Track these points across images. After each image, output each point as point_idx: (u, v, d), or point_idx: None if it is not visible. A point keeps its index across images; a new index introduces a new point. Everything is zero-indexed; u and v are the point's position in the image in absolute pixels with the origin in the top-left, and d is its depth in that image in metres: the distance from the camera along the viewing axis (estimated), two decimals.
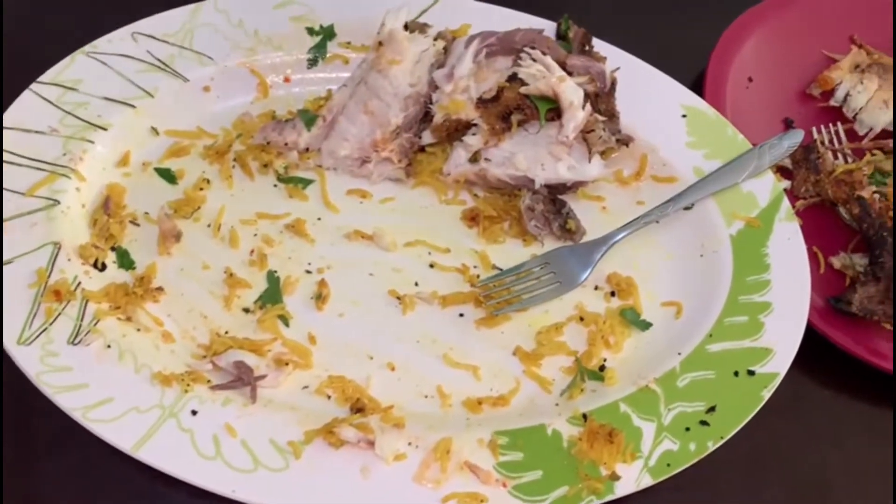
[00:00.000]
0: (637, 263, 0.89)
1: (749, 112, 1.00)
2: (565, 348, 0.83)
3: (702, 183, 0.90)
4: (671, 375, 0.80)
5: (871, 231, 0.90)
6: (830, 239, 0.93)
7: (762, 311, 0.83)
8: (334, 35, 0.97)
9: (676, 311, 0.85)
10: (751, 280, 0.85)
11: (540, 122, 0.88)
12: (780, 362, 0.79)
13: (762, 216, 0.88)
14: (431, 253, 0.87)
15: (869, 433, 0.84)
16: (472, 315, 0.84)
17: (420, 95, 0.92)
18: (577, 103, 0.88)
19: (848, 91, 1.02)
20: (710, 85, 1.00)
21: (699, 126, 0.93)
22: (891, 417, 0.85)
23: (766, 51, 1.05)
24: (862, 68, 1.04)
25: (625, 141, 0.92)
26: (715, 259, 0.87)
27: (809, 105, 1.04)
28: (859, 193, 0.92)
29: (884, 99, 1.01)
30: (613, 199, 0.93)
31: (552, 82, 0.88)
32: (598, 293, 0.87)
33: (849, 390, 0.86)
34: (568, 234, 0.90)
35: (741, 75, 1.02)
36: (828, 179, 0.94)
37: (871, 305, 0.84)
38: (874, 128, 1.00)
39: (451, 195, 0.91)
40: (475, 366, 0.81)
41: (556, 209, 0.90)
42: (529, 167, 0.89)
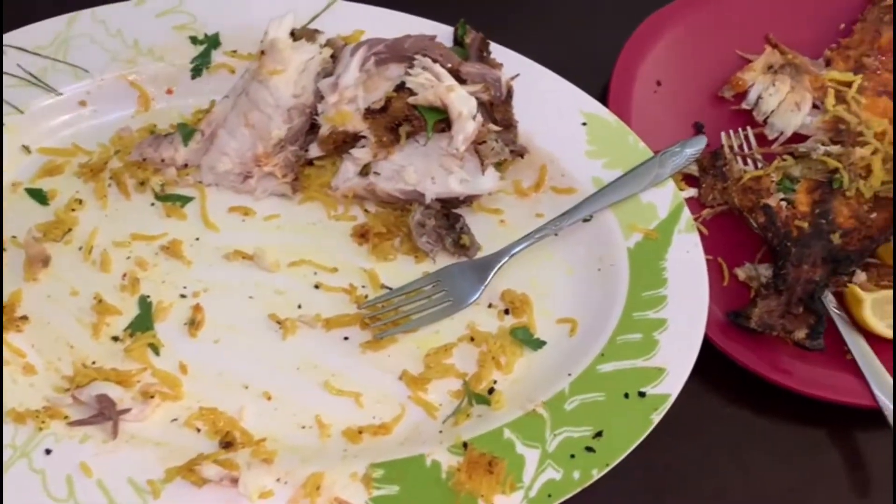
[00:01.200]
0: (534, 279, 0.86)
1: (657, 117, 0.97)
2: (454, 371, 0.80)
3: (600, 193, 0.87)
4: (560, 398, 0.77)
5: (776, 241, 0.87)
6: (738, 249, 0.90)
7: (657, 329, 0.80)
8: (219, 44, 0.93)
9: (571, 329, 0.82)
10: (647, 295, 0.82)
11: (427, 133, 0.86)
12: (672, 383, 0.77)
13: (661, 227, 0.85)
14: (317, 273, 0.84)
15: (771, 451, 0.82)
16: (358, 338, 0.81)
17: (305, 106, 0.88)
18: (466, 114, 0.85)
19: (760, 93, 1.00)
20: (614, 90, 0.96)
21: (600, 134, 0.90)
22: (793, 434, 0.82)
23: (677, 53, 1.01)
24: (775, 69, 1.02)
25: (519, 152, 0.88)
26: (612, 273, 0.84)
27: (722, 108, 1.00)
28: (765, 202, 0.89)
29: (796, 101, 0.98)
30: (512, 211, 0.90)
31: (440, 92, 0.85)
32: (491, 311, 0.84)
33: (751, 407, 0.83)
34: (462, 250, 0.86)
35: (649, 79, 0.98)
36: (735, 187, 0.91)
37: (770, 320, 0.81)
38: (785, 132, 0.96)
39: (341, 210, 0.88)
40: (357, 392, 0.78)
41: (449, 224, 0.87)
42: (419, 181, 0.86)
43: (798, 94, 0.99)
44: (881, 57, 1.01)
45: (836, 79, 0.99)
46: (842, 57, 1.03)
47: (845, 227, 0.87)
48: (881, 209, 0.88)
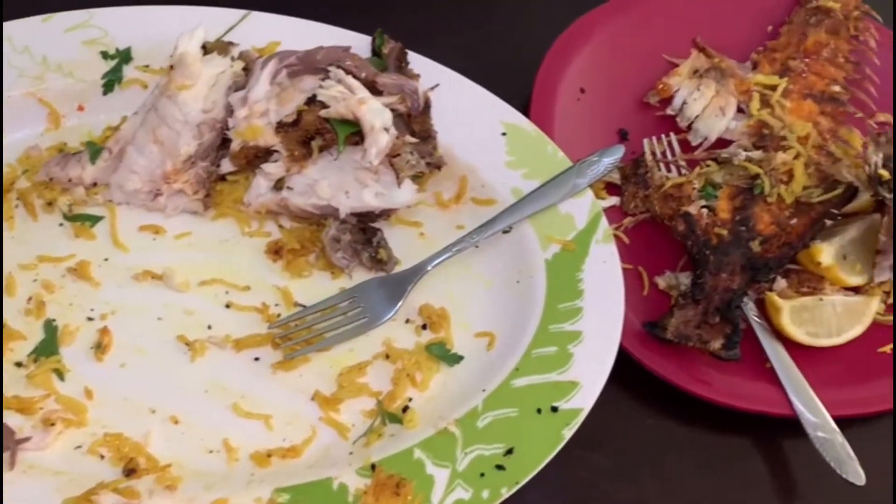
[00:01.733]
0: (453, 292, 0.85)
1: (581, 125, 0.96)
2: (367, 389, 0.78)
3: (518, 205, 0.86)
4: (472, 415, 0.75)
5: (695, 249, 0.86)
6: (660, 257, 0.89)
7: (572, 341, 0.79)
8: (131, 58, 0.91)
9: (489, 343, 0.81)
10: (563, 307, 0.81)
11: (338, 147, 0.84)
12: (585, 397, 0.75)
13: (578, 238, 0.84)
14: (229, 292, 0.82)
15: (691, 461, 0.81)
16: (270, 358, 0.80)
17: (216, 121, 0.86)
18: (379, 126, 0.83)
19: (685, 99, 0.99)
20: (536, 99, 0.95)
21: (519, 144, 0.89)
22: (714, 444, 0.81)
23: (601, 59, 1.00)
24: (700, 74, 1.01)
25: (437, 164, 0.87)
26: (530, 285, 0.83)
27: (647, 114, 1.00)
28: (686, 209, 0.89)
29: (720, 106, 0.97)
30: (432, 223, 0.88)
31: (352, 105, 0.83)
32: (408, 327, 0.83)
33: (672, 417, 0.82)
34: (379, 265, 0.85)
35: (573, 87, 0.97)
36: (656, 194, 0.91)
37: (686, 330, 0.81)
38: (709, 137, 0.96)
39: (255, 227, 0.86)
40: (267, 415, 0.76)
41: (365, 238, 0.86)
42: (333, 195, 0.85)
43: (723, 99, 0.99)
44: (806, 59, 1.01)
45: (761, 82, 0.99)
46: (768, 60, 1.03)
47: (765, 234, 0.87)
48: (802, 215, 0.88)
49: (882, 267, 0.86)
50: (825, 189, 0.89)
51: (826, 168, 0.92)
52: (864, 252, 0.88)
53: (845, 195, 0.89)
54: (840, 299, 0.84)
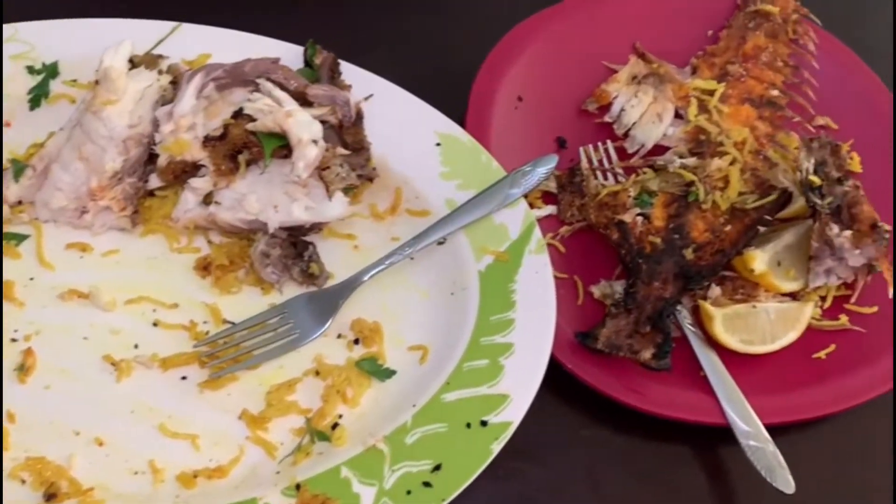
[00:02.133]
0: (387, 304, 0.84)
1: (519, 134, 0.95)
2: (296, 407, 0.77)
3: (453, 216, 0.85)
4: (402, 431, 0.75)
5: (629, 258, 0.86)
6: (596, 266, 0.89)
7: (503, 353, 0.79)
8: (58, 73, 0.90)
9: (422, 356, 0.81)
10: (495, 319, 0.81)
11: (265, 161, 0.84)
12: (514, 410, 0.75)
13: (512, 249, 0.84)
14: (156, 310, 0.81)
15: (626, 471, 0.80)
16: (197, 377, 0.78)
17: (142, 136, 0.85)
18: (307, 139, 0.83)
19: (623, 105, 0.99)
20: (473, 108, 0.94)
21: (454, 154, 0.89)
22: (649, 453, 0.81)
23: (539, 66, 1.00)
24: (639, 80, 1.02)
25: (368, 176, 0.87)
26: (464, 297, 0.83)
27: (587, 122, 0.99)
28: (620, 218, 0.89)
29: (657, 112, 0.97)
30: (367, 235, 0.88)
31: (279, 118, 0.83)
32: (340, 342, 0.82)
33: (607, 427, 0.82)
34: (310, 280, 0.84)
35: (510, 95, 0.97)
36: (592, 203, 0.91)
37: (617, 340, 0.80)
38: (645, 144, 0.96)
39: (184, 242, 0.85)
40: (194, 435, 0.75)
41: (296, 253, 0.85)
42: (262, 210, 0.84)
43: (660, 105, 0.98)
44: (745, 63, 1.01)
45: (699, 87, 0.99)
46: (707, 65, 1.03)
47: (699, 242, 0.87)
48: (736, 221, 0.88)
49: (816, 272, 0.86)
50: (760, 195, 0.90)
51: (762, 173, 0.93)
52: (798, 258, 0.88)
53: (780, 201, 0.89)
54: (774, 306, 0.84)
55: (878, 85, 1.05)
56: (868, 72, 1.06)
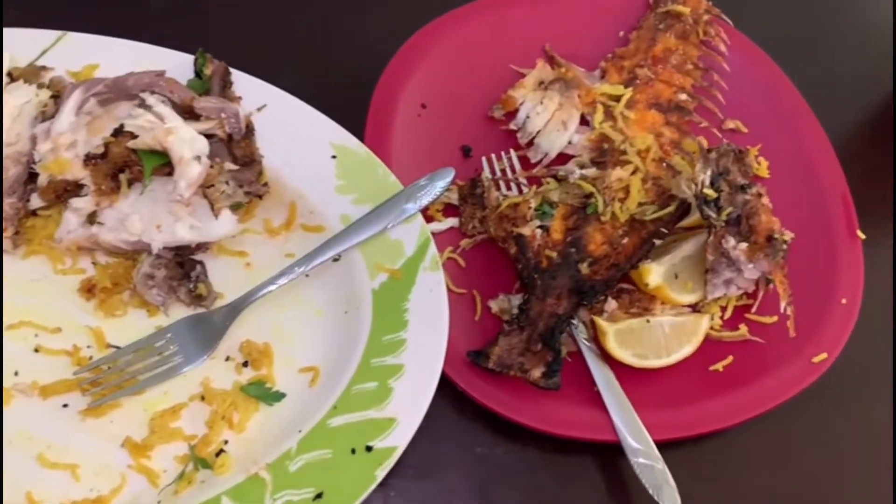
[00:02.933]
0: (280, 324, 0.83)
1: (423, 143, 0.94)
2: (181, 434, 0.77)
3: (348, 231, 0.84)
4: (285, 457, 0.74)
5: (525, 273, 0.85)
6: (497, 280, 0.88)
7: (393, 375, 0.78)
8: None
9: (312, 378, 0.80)
10: (387, 340, 0.80)
11: (145, 180, 0.82)
12: (401, 434, 0.74)
13: (406, 266, 0.83)
14: (38, 335, 0.80)
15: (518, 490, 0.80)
16: (79, 405, 0.77)
17: (21, 154, 0.83)
18: (188, 157, 0.81)
19: (528, 112, 0.98)
20: (372, 118, 0.92)
21: (350, 167, 0.87)
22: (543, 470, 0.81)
23: (444, 72, 0.97)
24: (545, 85, 1.00)
25: (256, 193, 0.85)
26: (357, 316, 0.82)
27: (494, 129, 0.98)
28: (519, 231, 0.88)
29: (563, 119, 0.96)
30: (260, 252, 0.86)
31: (159, 135, 0.80)
32: (228, 365, 0.81)
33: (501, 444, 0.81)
34: (198, 301, 0.83)
35: (413, 102, 0.95)
36: (493, 215, 0.91)
37: (509, 359, 0.80)
38: (549, 153, 0.94)
39: (69, 264, 0.83)
40: (74, 464, 0.74)
41: (183, 273, 0.83)
42: (144, 230, 0.82)
43: (565, 112, 0.97)
44: (654, 66, 1.00)
45: (606, 92, 0.98)
46: (616, 68, 1.01)
47: (595, 255, 0.86)
48: (633, 233, 0.88)
49: (714, 284, 0.86)
50: (660, 206, 0.90)
51: (665, 183, 0.92)
52: (697, 269, 0.87)
53: (678, 212, 0.88)
54: (668, 320, 0.84)
55: (788, 85, 1.03)
56: (778, 72, 1.04)
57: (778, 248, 0.84)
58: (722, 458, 0.84)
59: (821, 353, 0.86)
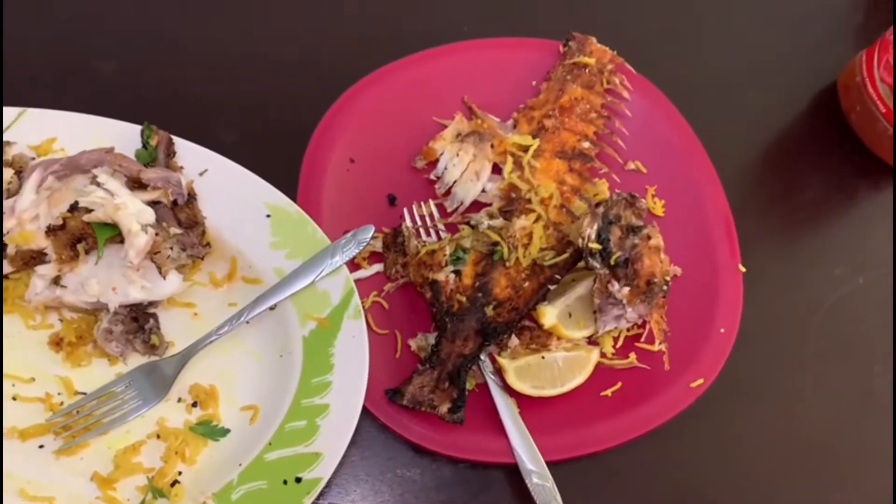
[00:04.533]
0: (224, 367, 0.96)
1: (352, 194, 1.05)
2: (141, 468, 0.91)
3: (281, 284, 0.97)
4: (229, 488, 0.88)
5: (438, 316, 0.98)
6: (418, 319, 1.00)
7: (319, 414, 0.92)
8: None
9: (252, 416, 0.94)
10: (315, 382, 0.94)
11: (98, 252, 0.94)
12: (326, 466, 0.88)
13: (333, 315, 0.97)
14: (15, 384, 0.94)
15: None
16: (53, 445, 0.91)
17: None
18: (136, 229, 0.93)
19: (446, 163, 1.10)
20: (305, 175, 1.04)
21: (282, 225, 0.99)
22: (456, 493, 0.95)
23: (371, 126, 1.09)
24: (461, 137, 1.11)
25: (197, 255, 0.97)
26: (289, 361, 0.95)
27: (417, 178, 1.09)
28: (434, 277, 1.00)
29: (476, 170, 1.08)
30: (206, 303, 0.99)
31: (109, 210, 0.93)
32: (180, 405, 0.95)
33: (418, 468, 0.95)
34: (152, 350, 0.96)
35: (342, 158, 1.06)
36: (412, 262, 1.03)
37: (420, 396, 0.93)
38: (464, 201, 1.06)
39: (39, 320, 0.97)
40: (51, 497, 0.89)
41: (138, 326, 0.96)
42: (102, 292, 0.95)
43: (479, 163, 1.08)
44: (561, 116, 1.11)
45: (516, 143, 1.09)
46: (526, 119, 1.12)
47: (500, 298, 0.99)
48: (533, 278, 1.00)
49: (604, 321, 0.98)
50: (558, 252, 1.02)
51: (564, 229, 1.04)
52: (589, 308, 1.00)
53: (573, 259, 1.01)
54: (562, 355, 0.97)
55: (683, 124, 1.12)
56: (674, 112, 1.13)
57: (656, 291, 0.96)
58: (608, 474, 0.98)
59: (698, 378, 1.00)
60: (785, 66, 1.25)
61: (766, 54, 1.25)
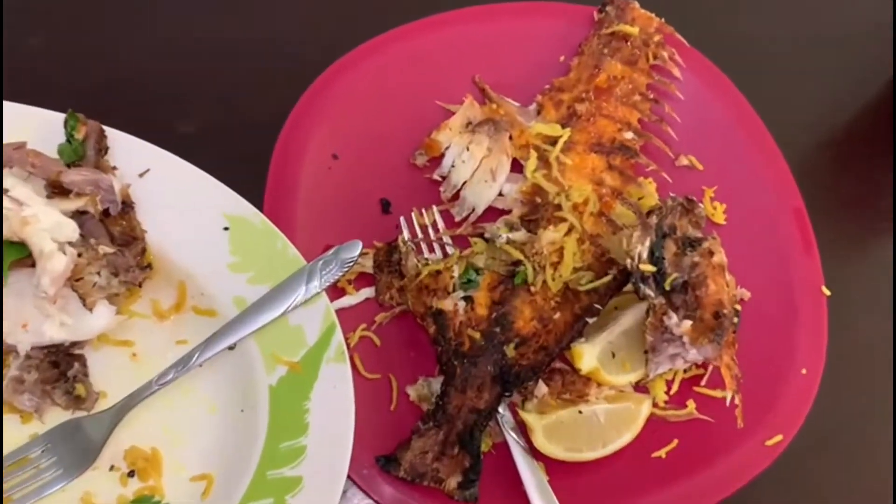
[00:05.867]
0: (170, 424, 0.76)
1: (335, 199, 0.85)
2: None
3: (243, 317, 0.76)
4: None
5: (445, 357, 0.77)
6: (419, 359, 0.80)
7: (290, 491, 0.71)
8: None
9: (205, 489, 0.73)
10: (285, 447, 0.73)
11: (3, 275, 0.74)
12: None
13: (308, 358, 0.75)
14: None
15: None
16: None
17: None
18: (50, 250, 0.72)
19: (454, 160, 0.89)
20: (274, 177, 0.83)
21: (245, 241, 0.78)
22: None
23: (359, 113, 0.87)
24: (473, 127, 0.91)
25: (134, 282, 0.77)
26: (253, 417, 0.75)
27: (417, 178, 0.88)
28: (438, 306, 0.81)
29: (491, 168, 0.88)
30: (147, 340, 0.78)
31: (15, 226, 0.72)
32: (113, 475, 0.74)
33: None
34: (77, 403, 0.75)
35: (322, 153, 0.86)
36: (411, 286, 0.83)
37: (422, 466, 0.72)
38: (477, 208, 0.85)
39: None
40: None
41: (58, 373, 0.76)
42: (9, 331, 0.73)
43: (494, 159, 0.87)
44: (597, 99, 0.89)
45: (541, 133, 0.89)
46: (553, 103, 0.91)
47: (524, 334, 0.78)
48: (566, 307, 0.79)
49: (656, 363, 0.79)
50: (598, 272, 0.82)
51: (604, 242, 0.85)
52: (638, 345, 0.80)
53: (617, 282, 0.80)
54: (603, 408, 0.77)
55: (743, 106, 0.92)
56: (734, 92, 0.93)
57: (725, 326, 0.76)
58: None
59: (775, 434, 0.79)
60: (870, 40, 1.03)
61: (851, 25, 1.04)
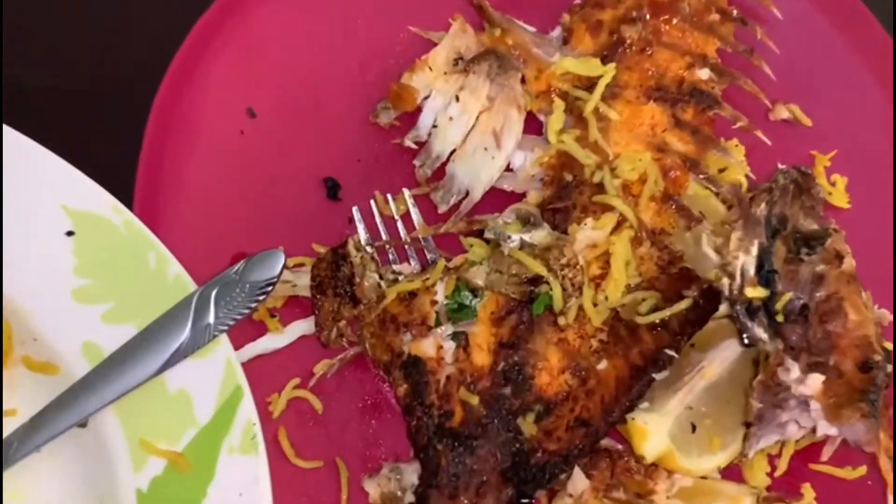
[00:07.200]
0: None
1: (250, 182, 0.57)
2: None
3: (94, 376, 0.51)
4: None
5: (423, 436, 0.49)
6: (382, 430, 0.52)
7: None
8: None
9: None
10: None
11: None
12: None
13: (198, 445, 0.50)
14: None
15: None
16: None
17: None
18: None
19: (435, 117, 0.60)
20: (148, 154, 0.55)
21: (99, 254, 0.52)
22: None
23: (289, 51, 0.60)
24: (465, 64, 0.62)
25: None
26: None
27: (382, 144, 0.60)
28: (412, 350, 0.51)
29: (493, 128, 0.59)
30: None
31: None
32: None
33: None
34: None
35: (232, 109, 0.58)
36: (369, 317, 0.56)
37: None
38: (471, 192, 0.56)
39: None
40: None
41: None
42: None
43: (499, 115, 0.60)
44: (654, 20, 0.61)
45: (572, 73, 0.60)
46: (588, 26, 0.63)
47: (550, 397, 0.50)
48: (618, 350, 0.50)
49: (757, 436, 0.53)
50: (665, 293, 0.54)
51: (673, 244, 0.57)
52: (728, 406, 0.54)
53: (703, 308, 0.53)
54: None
55: (875, 30, 0.65)
56: (865, 13, 0.66)
57: (879, 385, 0.50)
58: None
59: None
60: None
61: None
